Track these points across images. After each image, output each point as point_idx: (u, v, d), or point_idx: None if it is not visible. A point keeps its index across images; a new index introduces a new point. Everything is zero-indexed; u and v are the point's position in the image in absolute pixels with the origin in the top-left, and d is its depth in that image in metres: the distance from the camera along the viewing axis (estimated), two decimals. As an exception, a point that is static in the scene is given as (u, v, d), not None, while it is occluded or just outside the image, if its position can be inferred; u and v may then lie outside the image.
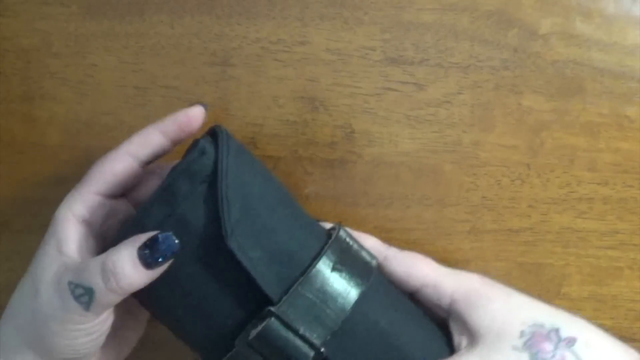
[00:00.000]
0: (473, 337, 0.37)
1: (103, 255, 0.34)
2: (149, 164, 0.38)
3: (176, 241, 0.34)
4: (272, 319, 0.34)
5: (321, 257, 0.35)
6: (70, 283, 0.34)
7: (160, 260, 0.34)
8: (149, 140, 0.37)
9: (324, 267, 0.35)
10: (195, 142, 0.36)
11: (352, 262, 0.37)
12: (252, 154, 0.38)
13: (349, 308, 0.35)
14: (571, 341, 0.36)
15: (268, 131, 0.45)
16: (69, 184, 0.44)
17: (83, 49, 0.45)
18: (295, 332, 0.34)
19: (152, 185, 0.39)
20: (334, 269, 0.35)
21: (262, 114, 0.45)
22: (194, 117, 0.38)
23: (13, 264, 0.46)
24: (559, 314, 0.37)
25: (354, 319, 0.36)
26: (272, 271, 0.35)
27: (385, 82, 0.45)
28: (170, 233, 0.34)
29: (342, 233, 0.38)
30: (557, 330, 0.36)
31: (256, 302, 0.35)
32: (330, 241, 0.37)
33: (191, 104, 0.38)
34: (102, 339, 0.37)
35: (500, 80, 0.45)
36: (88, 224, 0.37)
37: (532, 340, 0.36)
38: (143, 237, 0.34)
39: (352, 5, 0.45)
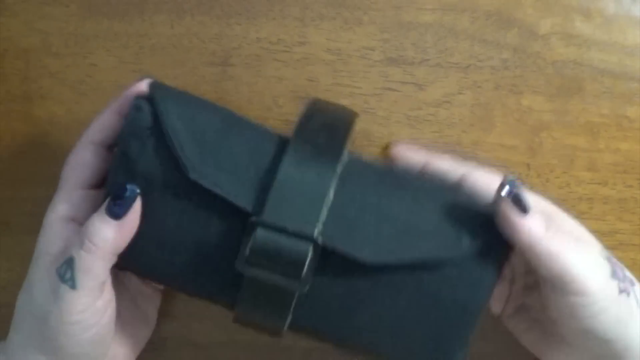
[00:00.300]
0: None
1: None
2: (116, 146, 0.38)
3: (134, 187, 0.35)
4: (258, 228, 0.34)
5: (285, 155, 0.35)
6: (57, 269, 0.35)
7: (124, 206, 0.34)
8: (107, 124, 0.38)
9: (289, 165, 0.34)
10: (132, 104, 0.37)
11: (318, 151, 0.35)
12: (189, 92, 0.38)
13: (330, 194, 0.35)
14: (632, 282, 0.37)
15: (268, 131, 0.45)
16: (69, 184, 0.44)
17: (83, 49, 0.45)
18: (285, 231, 0.34)
19: None
20: (300, 163, 0.35)
21: (262, 114, 0.45)
22: (144, 90, 0.38)
23: (13, 264, 0.46)
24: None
25: (341, 202, 0.35)
26: (242, 187, 0.35)
27: (385, 82, 0.45)
28: (125, 182, 0.35)
29: (299, 128, 0.36)
30: (622, 269, 0.37)
31: (241, 223, 0.35)
32: (291, 139, 0.36)
33: (139, 78, 0.38)
34: (107, 332, 0.37)
35: (500, 80, 0.45)
36: (76, 220, 0.37)
37: (612, 261, 0.37)
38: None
39: (352, 5, 0.45)
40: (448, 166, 0.41)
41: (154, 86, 0.37)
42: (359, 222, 0.35)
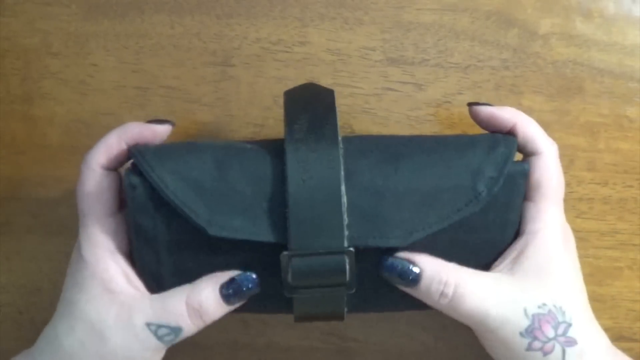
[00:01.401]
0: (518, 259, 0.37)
1: (182, 296, 0.35)
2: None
3: (253, 276, 0.36)
4: (293, 259, 0.35)
5: (287, 176, 0.35)
6: (149, 324, 0.35)
7: (241, 297, 0.36)
8: (115, 150, 0.37)
9: (296, 184, 0.34)
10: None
11: (317, 156, 0.35)
12: (168, 144, 0.38)
13: (343, 196, 0.35)
14: (570, 342, 0.36)
15: (268, 131, 0.45)
16: (69, 184, 0.45)
17: (83, 49, 0.45)
18: (317, 254, 0.35)
19: None
20: (304, 176, 0.35)
21: (262, 114, 0.45)
22: (159, 134, 0.38)
23: (13, 264, 0.46)
24: (586, 316, 0.38)
25: (355, 198, 0.35)
26: (260, 222, 0.35)
27: (385, 82, 0.45)
28: (247, 273, 0.36)
29: (290, 137, 0.36)
30: (568, 325, 0.36)
31: (272, 253, 0.35)
32: (286, 155, 0.35)
33: (160, 120, 0.38)
34: None
35: (500, 80, 0.45)
36: (115, 248, 0.37)
37: (541, 319, 0.36)
38: (222, 277, 0.36)
39: (352, 5, 0.45)
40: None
41: (138, 155, 0.36)
42: (378, 212, 0.36)
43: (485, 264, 0.38)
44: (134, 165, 0.36)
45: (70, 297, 0.36)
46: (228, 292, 0.36)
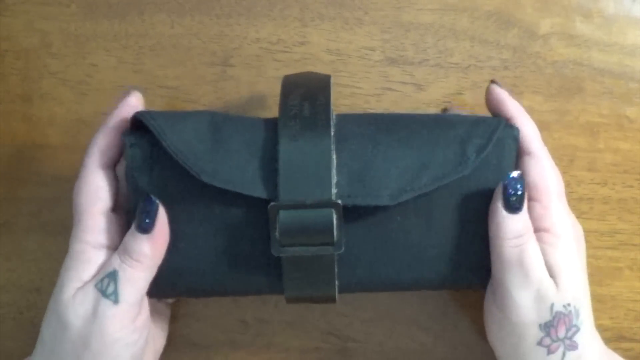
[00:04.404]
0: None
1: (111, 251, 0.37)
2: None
3: (153, 199, 0.36)
4: (280, 211, 0.35)
5: (279, 138, 0.36)
6: (95, 285, 0.35)
7: (148, 220, 0.36)
8: (107, 144, 0.37)
9: (287, 145, 0.36)
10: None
11: (308, 123, 0.36)
12: (166, 110, 0.39)
13: (333, 157, 0.36)
14: (573, 347, 0.36)
15: (268, 131, 0.45)
16: (69, 184, 0.44)
17: (83, 49, 0.45)
18: (305, 206, 0.35)
19: None
20: (296, 139, 0.36)
21: (262, 114, 0.45)
22: (135, 104, 0.38)
23: (13, 264, 0.46)
24: (590, 321, 0.38)
25: (345, 161, 0.36)
26: (252, 178, 0.36)
27: (385, 82, 0.45)
28: (147, 196, 0.36)
29: (282, 108, 0.37)
30: (577, 330, 0.36)
31: (263, 212, 0.36)
32: (279, 120, 0.37)
33: (124, 91, 0.38)
34: (141, 354, 0.37)
35: (501, 80, 0.45)
36: (108, 246, 0.37)
37: (560, 319, 0.36)
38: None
39: (352, 5, 0.45)
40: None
41: (141, 115, 0.37)
42: (367, 173, 0.36)
43: (483, 234, 0.37)
44: (131, 127, 0.38)
45: (53, 292, 0.37)
46: (138, 221, 0.36)
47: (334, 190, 0.35)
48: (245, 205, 0.36)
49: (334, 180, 0.35)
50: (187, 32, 0.45)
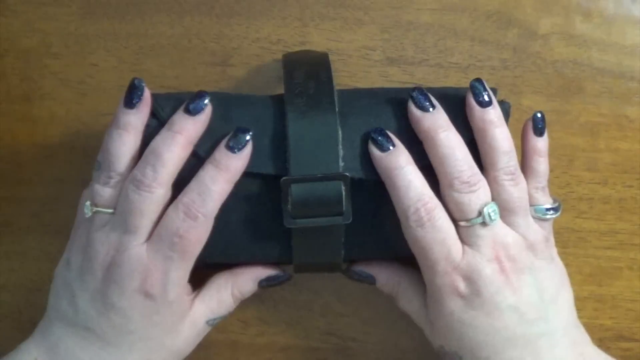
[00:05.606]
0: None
1: (228, 289, 0.41)
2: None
3: (286, 274, 0.42)
4: (292, 185, 0.36)
5: (287, 115, 0.37)
6: (208, 321, 0.40)
7: (271, 286, 0.42)
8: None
9: (295, 122, 0.37)
10: None
11: (314, 100, 0.38)
12: (179, 93, 0.40)
13: (339, 132, 0.37)
14: None
15: (268, 131, 0.45)
16: (69, 184, 0.45)
17: (83, 49, 0.45)
18: (315, 179, 0.36)
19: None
20: (303, 116, 0.37)
21: (262, 114, 0.45)
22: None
23: (13, 264, 0.46)
24: None
25: (350, 135, 0.38)
26: (262, 156, 0.37)
27: (385, 81, 0.45)
28: (282, 272, 0.42)
29: (288, 86, 0.38)
30: None
31: (276, 188, 0.37)
32: (285, 98, 0.38)
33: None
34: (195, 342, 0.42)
35: (500, 80, 0.45)
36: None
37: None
38: (261, 274, 0.41)
39: (352, 5, 0.45)
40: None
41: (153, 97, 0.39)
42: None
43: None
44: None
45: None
46: (263, 284, 0.41)
47: (341, 164, 0.37)
48: (255, 182, 0.38)
49: (341, 154, 0.37)
50: (187, 32, 0.45)
